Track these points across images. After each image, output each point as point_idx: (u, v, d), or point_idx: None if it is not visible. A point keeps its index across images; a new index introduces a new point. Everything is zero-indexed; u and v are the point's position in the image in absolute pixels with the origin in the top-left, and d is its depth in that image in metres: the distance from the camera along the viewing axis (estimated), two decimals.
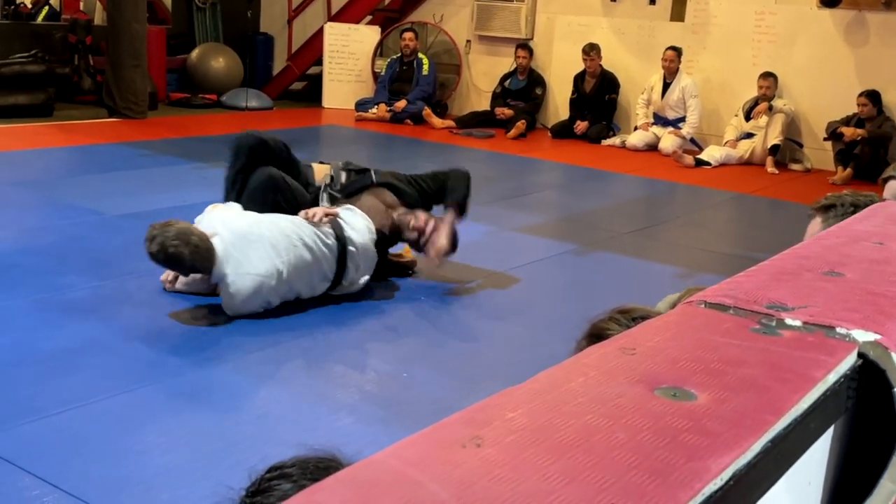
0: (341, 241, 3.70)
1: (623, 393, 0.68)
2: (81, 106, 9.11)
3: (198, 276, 3.58)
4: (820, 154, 8.23)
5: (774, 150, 8.04)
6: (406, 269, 4.24)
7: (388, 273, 4.14)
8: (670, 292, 1.79)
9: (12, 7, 11.84)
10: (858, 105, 7.63)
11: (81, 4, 12.21)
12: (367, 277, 3.81)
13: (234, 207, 3.79)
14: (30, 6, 12.03)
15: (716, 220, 6.24)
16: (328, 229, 3.71)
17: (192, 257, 3.33)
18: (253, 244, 3.47)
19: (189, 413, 2.71)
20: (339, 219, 3.78)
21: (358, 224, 3.79)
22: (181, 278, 3.70)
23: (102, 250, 4.31)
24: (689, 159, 8.01)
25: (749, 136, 8.26)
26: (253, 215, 3.68)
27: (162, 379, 2.90)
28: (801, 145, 8.36)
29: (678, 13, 9.00)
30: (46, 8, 11.74)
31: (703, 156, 8.11)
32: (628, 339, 0.81)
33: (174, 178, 6.09)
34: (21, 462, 2.34)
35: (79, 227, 4.67)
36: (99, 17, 11.21)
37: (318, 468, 0.99)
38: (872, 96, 7.63)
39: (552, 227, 5.59)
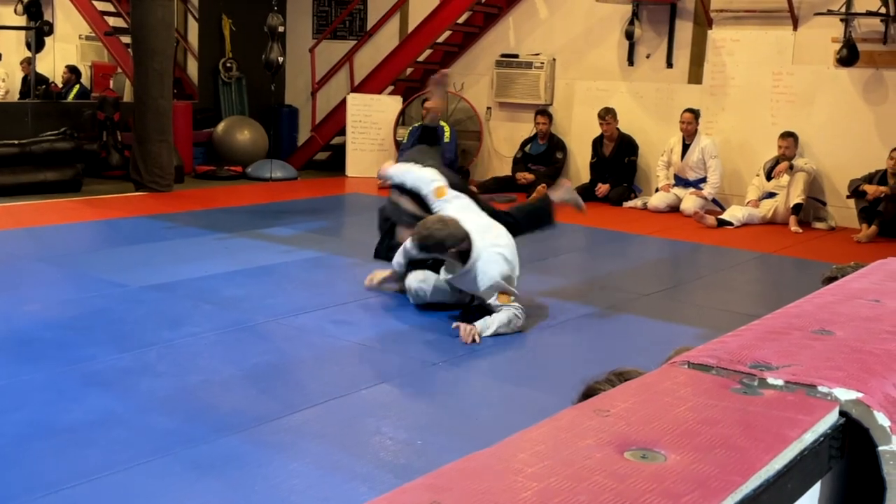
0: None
1: (591, 455, 0.67)
2: (109, 181, 9.29)
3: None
4: (844, 212, 8.18)
5: (797, 209, 7.99)
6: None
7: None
8: None
9: (44, 87, 12.21)
10: (892, 159, 7.53)
11: (111, 82, 12.55)
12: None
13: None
14: (60, 86, 12.39)
15: (739, 281, 6.18)
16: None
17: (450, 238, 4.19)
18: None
19: (202, 484, 2.69)
20: None
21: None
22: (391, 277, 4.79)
23: (124, 322, 4.35)
24: (711, 220, 7.98)
25: (771, 195, 8.23)
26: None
27: (176, 450, 2.89)
28: (824, 204, 8.31)
29: (696, 75, 9.08)
30: (77, 86, 12.08)
31: (726, 216, 8.08)
32: (604, 400, 0.80)
33: (197, 248, 6.16)
34: None
35: (102, 300, 4.72)
36: (128, 95, 11.50)
37: None
38: None
39: (574, 290, 5.56)
